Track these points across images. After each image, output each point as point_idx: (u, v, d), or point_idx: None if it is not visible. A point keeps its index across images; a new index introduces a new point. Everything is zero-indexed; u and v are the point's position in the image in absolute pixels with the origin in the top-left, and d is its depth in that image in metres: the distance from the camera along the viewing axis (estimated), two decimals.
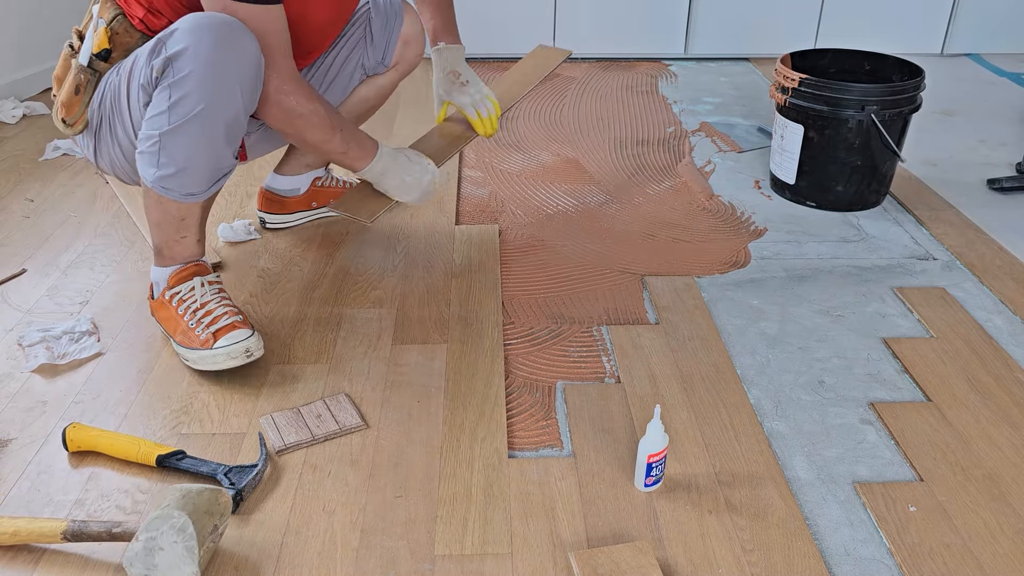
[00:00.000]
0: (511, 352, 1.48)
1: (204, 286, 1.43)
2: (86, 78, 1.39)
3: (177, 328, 1.41)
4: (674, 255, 1.81)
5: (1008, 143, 2.41)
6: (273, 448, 1.23)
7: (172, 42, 1.27)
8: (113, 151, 1.44)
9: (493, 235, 1.87)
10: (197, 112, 1.29)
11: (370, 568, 1.05)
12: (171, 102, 1.28)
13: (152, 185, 1.35)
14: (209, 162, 1.35)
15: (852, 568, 1.06)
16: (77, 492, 1.16)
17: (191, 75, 1.27)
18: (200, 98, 1.28)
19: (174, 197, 1.36)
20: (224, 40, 1.28)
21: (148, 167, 1.34)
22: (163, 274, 1.44)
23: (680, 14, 3.13)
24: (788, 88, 1.95)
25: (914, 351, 1.47)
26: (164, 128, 1.30)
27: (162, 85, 1.29)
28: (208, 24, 1.27)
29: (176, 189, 1.35)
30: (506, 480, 1.19)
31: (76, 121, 1.43)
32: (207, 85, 1.28)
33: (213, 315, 1.39)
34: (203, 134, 1.32)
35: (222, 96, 1.30)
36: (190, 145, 1.32)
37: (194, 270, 1.44)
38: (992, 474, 1.20)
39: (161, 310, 1.44)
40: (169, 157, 1.32)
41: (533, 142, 2.42)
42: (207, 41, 1.26)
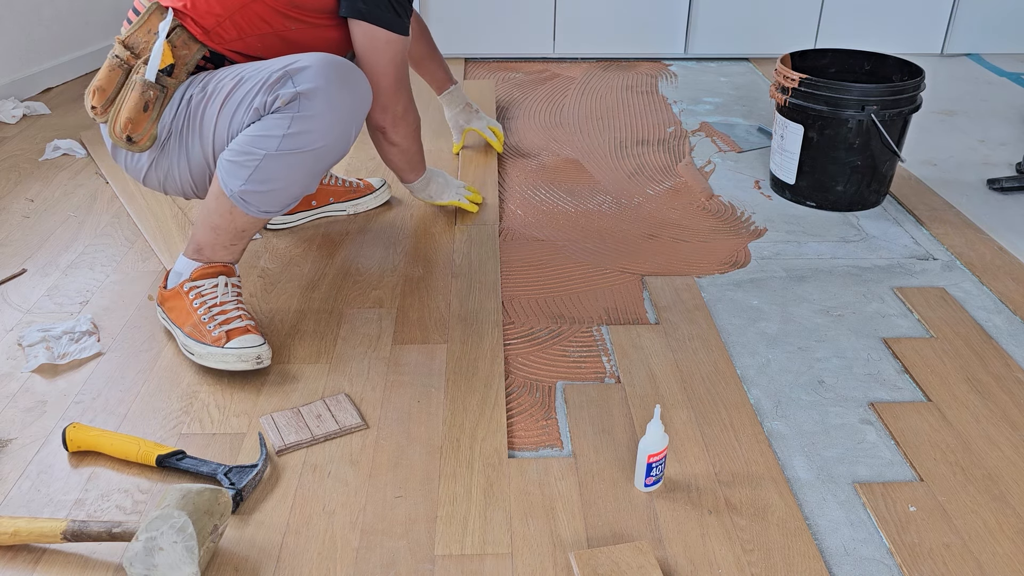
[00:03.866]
0: (511, 352, 1.48)
1: (227, 287, 1.44)
2: (155, 94, 1.38)
3: (188, 321, 1.41)
4: (674, 255, 1.81)
5: (1008, 143, 2.41)
6: (273, 448, 1.24)
7: (304, 78, 1.33)
8: (177, 165, 1.44)
9: (493, 235, 1.87)
10: (313, 149, 1.36)
11: (370, 568, 1.05)
12: (289, 131, 1.33)
13: (232, 195, 1.36)
14: (298, 190, 1.41)
15: (852, 568, 1.06)
16: (77, 492, 1.16)
17: (320, 116, 1.34)
18: (321, 138, 1.35)
19: (251, 212, 1.39)
20: (354, 88, 1.38)
21: (234, 178, 1.35)
22: (189, 266, 1.45)
23: (680, 14, 3.13)
24: (788, 88, 1.95)
25: (914, 351, 1.47)
26: (271, 151, 1.33)
27: (283, 113, 1.33)
28: (340, 70, 1.36)
29: (257, 205, 1.38)
30: (506, 480, 1.19)
31: (143, 138, 1.41)
32: (333, 129, 1.36)
33: (228, 315, 1.40)
34: (307, 168, 1.38)
35: (340, 140, 1.39)
36: (290, 173, 1.37)
37: (222, 269, 1.45)
38: (992, 474, 1.20)
39: (173, 300, 1.44)
40: (264, 177, 1.35)
41: (533, 142, 2.42)
42: (339, 88, 1.35)
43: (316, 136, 1.35)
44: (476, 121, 2.21)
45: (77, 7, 2.91)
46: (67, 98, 2.74)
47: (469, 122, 2.21)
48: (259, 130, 1.34)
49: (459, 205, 1.92)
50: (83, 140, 2.37)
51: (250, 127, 1.35)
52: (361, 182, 1.98)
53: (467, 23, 3.16)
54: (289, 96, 1.32)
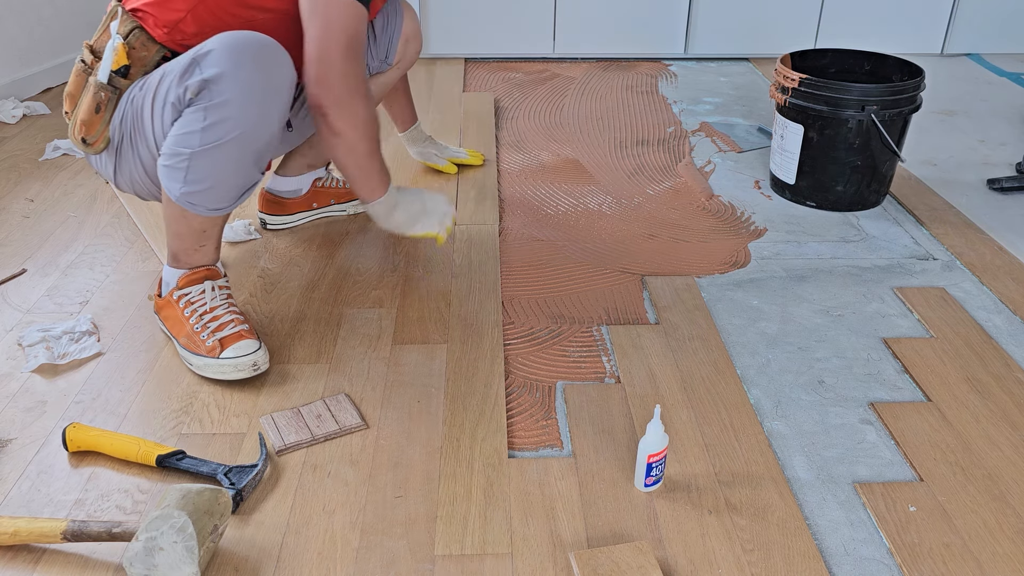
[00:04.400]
0: (511, 352, 1.48)
1: (214, 291, 1.42)
2: (107, 96, 1.35)
3: (182, 331, 1.41)
4: (674, 255, 1.81)
5: (1008, 143, 2.41)
6: (273, 448, 1.24)
7: (208, 63, 1.24)
8: (135, 169, 1.41)
9: (493, 235, 1.87)
10: (233, 137, 1.27)
11: (370, 568, 1.05)
12: (205, 124, 1.26)
13: (177, 200, 1.33)
14: (238, 180, 1.34)
15: (852, 568, 1.06)
16: (77, 492, 1.16)
17: (230, 102, 1.25)
18: (238, 125, 1.27)
19: (200, 212, 1.35)
20: (265, 66, 1.26)
21: (173, 181, 1.32)
22: (174, 275, 1.44)
23: (680, 14, 3.13)
24: (788, 88, 1.95)
25: (914, 351, 1.47)
26: (195, 148, 1.28)
27: (196, 106, 1.26)
28: (247, 47, 1.25)
29: (202, 204, 1.34)
30: (506, 480, 1.19)
31: (96, 140, 1.39)
32: (247, 113, 1.26)
33: (220, 321, 1.39)
34: (236, 157, 1.31)
35: (261, 124, 1.29)
36: (220, 166, 1.30)
37: (205, 274, 1.43)
38: (992, 474, 1.20)
39: (167, 309, 1.44)
40: (198, 175, 1.30)
41: (533, 142, 2.42)
42: (248, 67, 1.24)
43: (232, 124, 1.26)
44: (448, 151, 2.17)
45: (77, 7, 2.91)
46: None
47: (444, 152, 2.16)
48: (181, 128, 1.28)
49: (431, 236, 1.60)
50: None
51: (174, 125, 1.30)
52: None
53: (467, 23, 3.15)
54: (197, 85, 1.25)
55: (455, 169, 2.16)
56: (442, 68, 3.11)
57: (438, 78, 2.99)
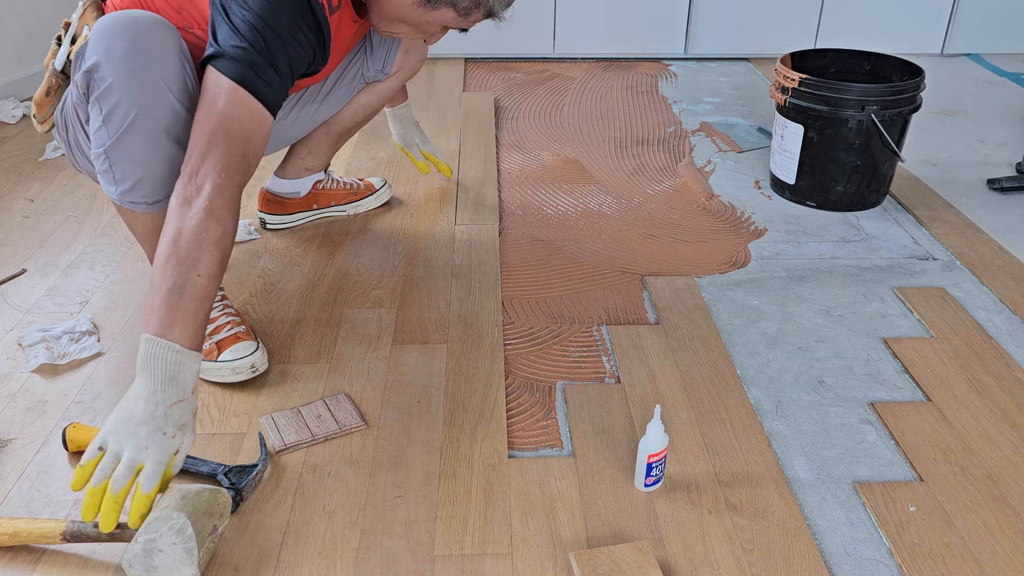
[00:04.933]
0: (511, 352, 1.48)
1: None
2: (57, 82, 1.34)
3: None
4: (674, 255, 1.81)
5: (1008, 143, 2.41)
6: (273, 448, 1.23)
7: (87, 54, 1.20)
8: (82, 159, 1.39)
9: (493, 235, 1.87)
10: (131, 120, 1.21)
11: (370, 568, 1.05)
12: (104, 115, 1.21)
13: (118, 203, 1.30)
14: (163, 166, 1.25)
15: (852, 568, 1.06)
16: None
17: (113, 85, 1.19)
18: (129, 105, 1.20)
19: (142, 209, 1.30)
20: (136, 39, 1.19)
21: (108, 185, 1.29)
22: None
23: (680, 14, 3.13)
24: (788, 88, 1.95)
25: (914, 351, 1.47)
26: (107, 143, 1.23)
27: (91, 99, 1.22)
28: (116, 26, 1.19)
29: (141, 200, 1.29)
30: (506, 480, 1.19)
31: (44, 121, 1.38)
32: (131, 91, 1.19)
33: (216, 324, 1.39)
34: (145, 140, 1.23)
35: (150, 97, 1.21)
36: (137, 154, 1.24)
37: None
38: (992, 474, 1.20)
39: None
40: (122, 171, 1.26)
41: (533, 142, 2.42)
42: (119, 46, 1.18)
43: (125, 107, 1.20)
44: (425, 145, 2.06)
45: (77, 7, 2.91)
46: None
47: (425, 144, 2.06)
48: (92, 126, 1.24)
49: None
50: None
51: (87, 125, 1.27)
52: (361, 182, 1.98)
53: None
54: (83, 79, 1.21)
55: (427, 169, 2.08)
56: (442, 68, 3.11)
57: (438, 78, 2.99)
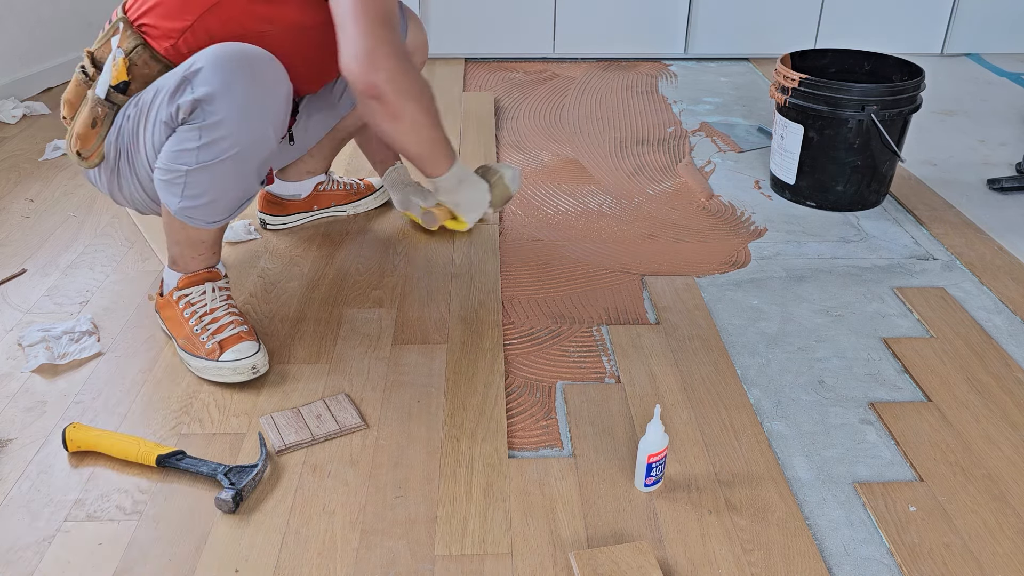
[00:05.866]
0: (511, 352, 1.48)
1: (214, 292, 1.42)
2: (103, 111, 1.33)
3: (181, 332, 1.41)
4: (674, 255, 1.81)
5: (1008, 143, 2.41)
6: (273, 448, 1.23)
7: (199, 82, 1.21)
8: (132, 185, 1.40)
9: (493, 235, 1.87)
10: (231, 155, 1.26)
11: (370, 568, 1.05)
12: (201, 143, 1.24)
13: (176, 213, 1.33)
14: (236, 194, 1.34)
15: (852, 568, 1.06)
16: (77, 492, 1.16)
17: (224, 121, 1.23)
18: (234, 143, 1.25)
19: (198, 225, 1.35)
20: (258, 82, 1.23)
21: (171, 196, 1.31)
22: (174, 276, 1.44)
23: (680, 14, 3.13)
24: (788, 88, 1.95)
25: (914, 351, 1.47)
26: (192, 166, 1.26)
27: (191, 125, 1.24)
28: (238, 63, 1.22)
29: (201, 218, 1.34)
30: (506, 480, 1.19)
31: (91, 155, 1.37)
32: (242, 132, 1.24)
33: (220, 323, 1.39)
34: (233, 174, 1.29)
35: (257, 141, 1.27)
36: (218, 182, 1.29)
37: (206, 276, 1.43)
38: (992, 474, 1.20)
39: (167, 309, 1.44)
40: (195, 192, 1.30)
41: (533, 142, 2.42)
42: (240, 84, 1.21)
43: (229, 143, 1.25)
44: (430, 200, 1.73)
45: (77, 7, 2.91)
46: None
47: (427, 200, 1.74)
48: (175, 145, 1.27)
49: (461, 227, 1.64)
50: None
51: (168, 142, 1.28)
52: (361, 182, 1.98)
53: (467, 23, 3.15)
54: (189, 105, 1.23)
55: (436, 226, 1.79)
56: (442, 68, 3.11)
57: (438, 78, 2.99)
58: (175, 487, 1.17)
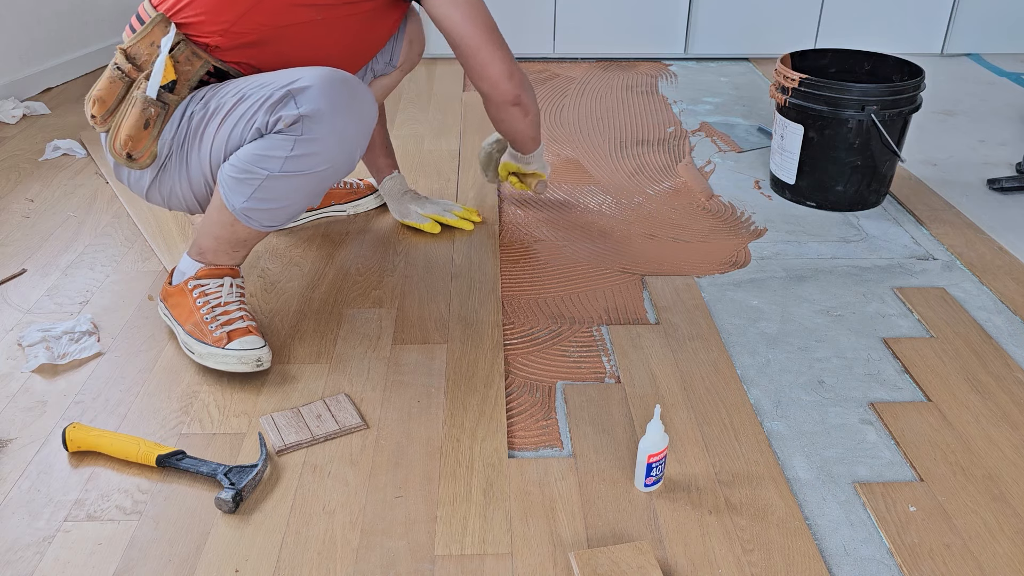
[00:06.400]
0: (511, 352, 1.48)
1: (231, 288, 1.44)
2: (156, 112, 1.34)
3: (190, 319, 1.41)
4: (674, 255, 1.81)
5: (1008, 143, 2.41)
6: (273, 448, 1.24)
7: (306, 100, 1.28)
8: (178, 184, 1.41)
9: (493, 235, 1.87)
10: (316, 172, 1.33)
11: (370, 568, 1.05)
12: (292, 154, 1.30)
13: (235, 211, 1.35)
14: (300, 207, 1.39)
15: (852, 568, 1.06)
16: (77, 492, 1.16)
17: (321, 140, 1.30)
18: (325, 161, 1.33)
19: (254, 226, 1.38)
20: (359, 112, 1.34)
21: (236, 195, 1.34)
22: (193, 266, 1.45)
23: (680, 14, 3.13)
24: (788, 88, 1.95)
25: (914, 351, 1.47)
26: (273, 172, 1.31)
27: (286, 135, 1.30)
28: (344, 90, 1.31)
29: (259, 220, 1.37)
30: (506, 480, 1.19)
31: (143, 155, 1.37)
32: (334, 153, 1.33)
33: (230, 315, 1.40)
34: (312, 188, 1.36)
35: (345, 163, 1.37)
36: (293, 192, 1.35)
37: (227, 271, 1.45)
38: (992, 474, 1.20)
39: (177, 296, 1.44)
40: (267, 195, 1.34)
41: None
42: (344, 111, 1.31)
43: (320, 159, 1.32)
44: (429, 207, 1.88)
45: (77, 7, 2.91)
46: (67, 98, 2.74)
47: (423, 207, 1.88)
48: (262, 149, 1.31)
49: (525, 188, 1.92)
50: (83, 140, 2.37)
51: (252, 144, 1.32)
52: (362, 182, 1.98)
53: None
54: (292, 118, 1.28)
55: (438, 228, 1.86)
56: (442, 68, 3.11)
57: (438, 78, 2.99)
58: (175, 487, 1.17)
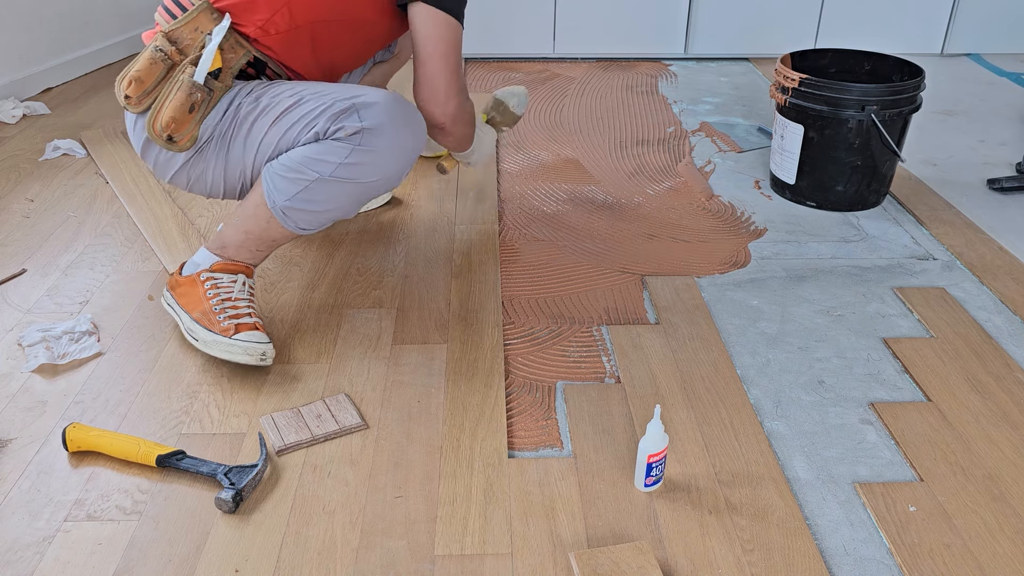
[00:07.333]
0: (511, 352, 1.48)
1: (244, 286, 1.45)
2: (202, 96, 1.37)
3: (198, 307, 1.41)
4: (674, 255, 1.81)
5: (1008, 143, 2.41)
6: (273, 448, 1.24)
7: (370, 115, 1.35)
8: (211, 168, 1.43)
9: (493, 235, 1.87)
10: (366, 182, 1.39)
11: (370, 568, 1.05)
12: (346, 161, 1.35)
13: (274, 208, 1.38)
14: (338, 214, 1.43)
15: (852, 568, 1.06)
16: (77, 492, 1.16)
17: (378, 152, 1.37)
18: (376, 173, 1.39)
19: (289, 227, 1.40)
20: (415, 130, 1.41)
21: (281, 192, 1.37)
22: (209, 258, 1.45)
23: (680, 14, 3.13)
24: (788, 88, 1.95)
25: (914, 351, 1.47)
26: (324, 175, 1.35)
27: (344, 143, 1.35)
28: (406, 113, 1.39)
29: (296, 221, 1.40)
30: (506, 480, 1.19)
31: (184, 138, 1.39)
32: (389, 167, 1.39)
33: (239, 311, 1.41)
34: (356, 197, 1.42)
35: (393, 178, 1.43)
36: (337, 199, 1.40)
37: (243, 268, 1.46)
38: (992, 474, 1.20)
39: (187, 286, 1.44)
40: (311, 197, 1.38)
41: (533, 142, 2.42)
42: (403, 131, 1.38)
43: (372, 170, 1.38)
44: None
45: (77, 7, 2.91)
46: (67, 98, 2.74)
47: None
48: (316, 152, 1.35)
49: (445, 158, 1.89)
50: (83, 140, 2.37)
51: (306, 147, 1.36)
52: None
53: (467, 23, 3.12)
54: (354, 129, 1.34)
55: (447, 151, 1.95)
56: None
57: None
58: (175, 487, 1.17)
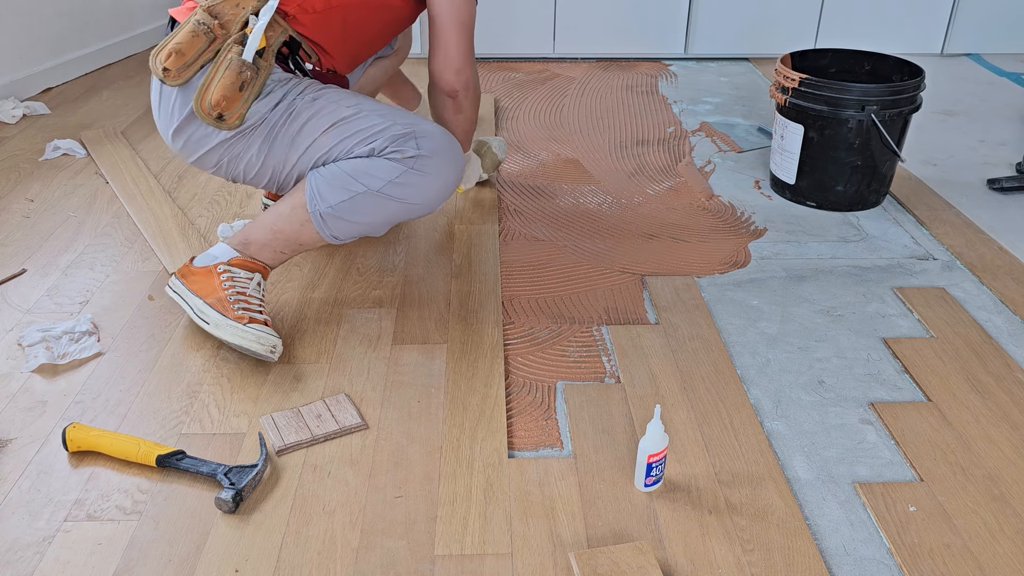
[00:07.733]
0: (511, 352, 1.48)
1: (259, 285, 1.46)
2: (251, 75, 1.39)
3: (212, 294, 1.41)
4: (674, 255, 1.81)
5: (1008, 143, 2.41)
6: (273, 448, 1.24)
7: (428, 145, 1.42)
8: (250, 153, 1.44)
9: (493, 235, 1.87)
10: (410, 204, 1.45)
11: (370, 568, 1.05)
12: (396, 180, 1.41)
13: (315, 214, 1.41)
14: (368, 228, 1.47)
15: (852, 568, 1.06)
16: (77, 492, 1.16)
17: (430, 177, 1.43)
18: (421, 196, 1.44)
19: (322, 233, 1.44)
20: (459, 164, 1.49)
21: (323, 199, 1.40)
22: (228, 253, 1.46)
23: (680, 14, 3.13)
24: (788, 88, 1.95)
25: (914, 351, 1.47)
26: (372, 189, 1.40)
27: (399, 164, 1.41)
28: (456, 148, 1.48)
29: (331, 229, 1.44)
30: (506, 480, 1.19)
31: (233, 116, 1.40)
32: (434, 193, 1.46)
33: (251, 307, 1.42)
34: (394, 216, 1.47)
35: (432, 205, 1.48)
36: (377, 214, 1.44)
37: (261, 268, 1.48)
38: (992, 474, 1.20)
39: (200, 276, 1.44)
40: (354, 209, 1.42)
41: (533, 142, 2.42)
42: (452, 164, 1.46)
43: (418, 193, 1.43)
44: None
45: (77, 7, 2.91)
46: (67, 98, 2.74)
47: None
48: (369, 167, 1.39)
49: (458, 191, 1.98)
50: (83, 140, 2.37)
51: (360, 160, 1.40)
52: None
53: None
54: (411, 154, 1.41)
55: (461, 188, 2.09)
56: None
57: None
58: (175, 487, 1.17)
